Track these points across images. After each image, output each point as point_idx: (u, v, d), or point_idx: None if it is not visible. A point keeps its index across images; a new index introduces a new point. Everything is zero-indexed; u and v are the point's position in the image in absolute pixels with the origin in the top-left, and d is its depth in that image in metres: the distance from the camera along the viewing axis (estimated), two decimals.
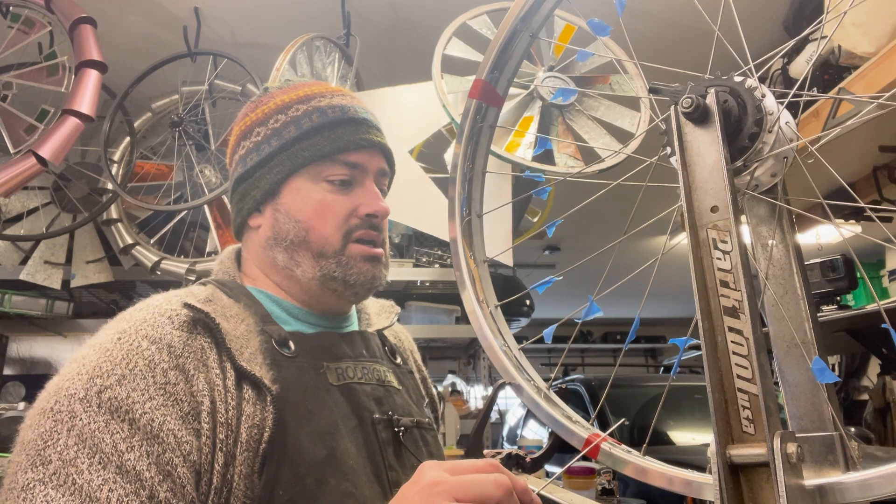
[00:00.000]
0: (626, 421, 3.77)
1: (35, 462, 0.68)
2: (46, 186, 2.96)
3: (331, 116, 0.89)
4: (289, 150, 0.88)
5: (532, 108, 2.24)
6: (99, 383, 0.71)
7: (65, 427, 0.69)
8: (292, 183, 0.89)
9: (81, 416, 0.69)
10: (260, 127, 0.91)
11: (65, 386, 0.72)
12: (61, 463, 0.67)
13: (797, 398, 0.64)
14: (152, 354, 0.73)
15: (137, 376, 0.72)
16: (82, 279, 2.92)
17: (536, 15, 0.83)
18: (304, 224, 0.87)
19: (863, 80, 1.82)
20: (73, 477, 0.66)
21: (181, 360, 0.74)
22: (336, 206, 0.87)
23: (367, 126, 0.91)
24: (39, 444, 0.68)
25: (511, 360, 0.80)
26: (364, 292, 0.90)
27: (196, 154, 2.71)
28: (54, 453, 0.68)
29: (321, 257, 0.87)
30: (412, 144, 2.42)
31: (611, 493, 2.31)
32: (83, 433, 0.68)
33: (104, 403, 0.70)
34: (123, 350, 0.73)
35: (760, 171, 0.66)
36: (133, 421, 0.69)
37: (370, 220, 0.88)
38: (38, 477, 0.66)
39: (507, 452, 0.75)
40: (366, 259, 0.88)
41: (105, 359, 0.73)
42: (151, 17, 2.58)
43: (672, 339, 0.71)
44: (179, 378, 0.73)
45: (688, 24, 2.51)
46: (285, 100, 0.91)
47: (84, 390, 0.71)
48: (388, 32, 2.70)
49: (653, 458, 0.67)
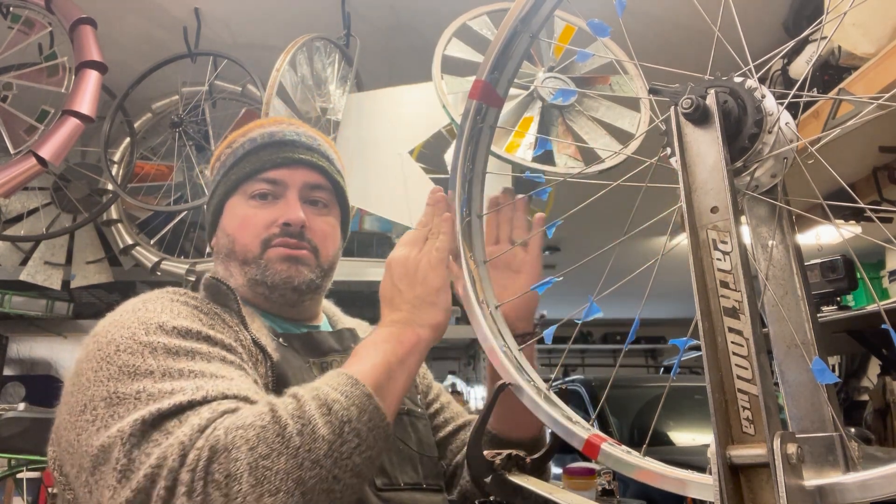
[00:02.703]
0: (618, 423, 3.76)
1: (134, 377, 0.71)
2: (46, 187, 2.96)
3: (259, 142, 1.00)
4: (226, 176, 1.01)
5: (532, 109, 2.23)
6: (155, 322, 0.77)
7: (146, 351, 0.73)
8: (229, 203, 1.00)
9: (159, 340, 0.75)
10: (217, 162, 1.05)
11: (117, 336, 0.76)
12: (166, 366, 0.72)
13: (797, 399, 0.64)
14: (188, 310, 0.83)
15: (188, 318, 0.80)
16: (82, 280, 2.92)
17: (536, 16, 0.83)
18: (232, 237, 0.98)
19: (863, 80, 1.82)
20: (187, 368, 0.72)
21: (207, 317, 0.84)
22: (256, 218, 0.97)
23: (293, 146, 1.01)
24: (128, 370, 0.72)
25: (511, 361, 0.80)
26: (288, 293, 0.97)
27: (196, 154, 2.71)
28: (152, 366, 0.72)
29: (245, 264, 0.97)
30: (412, 145, 2.42)
31: (611, 494, 2.31)
32: (170, 348, 0.74)
33: (172, 331, 0.77)
34: (158, 305, 0.82)
35: (760, 172, 0.66)
36: (209, 338, 0.78)
37: (287, 229, 0.96)
38: (150, 381, 0.70)
39: (507, 453, 0.75)
40: (283, 259, 0.96)
41: (144, 311, 0.79)
42: (151, 17, 2.57)
43: (672, 340, 0.71)
44: (219, 325, 0.84)
45: (688, 24, 2.51)
46: (234, 136, 1.04)
47: (143, 329, 0.76)
48: (388, 33, 2.70)
49: (653, 459, 0.67)
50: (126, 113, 2.74)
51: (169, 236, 2.83)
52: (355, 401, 0.71)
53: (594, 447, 0.70)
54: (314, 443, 0.65)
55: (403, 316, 0.83)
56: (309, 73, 2.32)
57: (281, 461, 0.63)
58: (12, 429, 2.28)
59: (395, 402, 0.77)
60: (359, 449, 0.69)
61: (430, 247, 0.85)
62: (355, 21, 2.53)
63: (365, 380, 0.74)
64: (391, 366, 0.77)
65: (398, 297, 0.84)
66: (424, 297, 0.83)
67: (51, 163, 2.09)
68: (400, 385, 0.78)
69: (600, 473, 2.28)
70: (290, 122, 1.07)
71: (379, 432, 0.72)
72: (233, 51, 2.58)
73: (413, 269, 0.84)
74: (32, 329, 3.12)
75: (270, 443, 0.63)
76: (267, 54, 2.27)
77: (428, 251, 0.85)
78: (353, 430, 0.69)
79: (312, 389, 0.71)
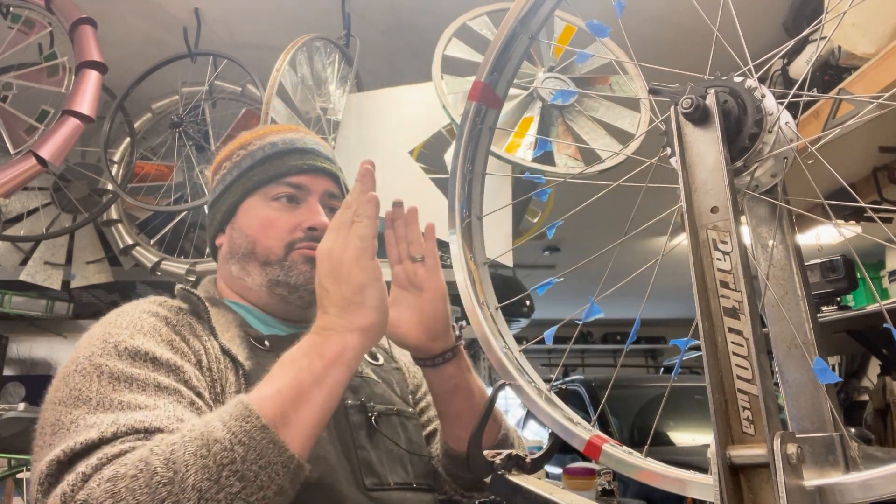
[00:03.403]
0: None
1: (75, 403, 0.72)
2: (46, 187, 2.96)
3: (280, 147, 1.01)
4: (244, 177, 1.01)
5: (532, 109, 2.24)
6: (113, 341, 0.78)
7: (94, 374, 0.74)
8: (245, 204, 1.00)
9: (106, 363, 0.75)
10: (226, 162, 1.05)
11: (81, 354, 0.78)
12: (101, 395, 0.72)
13: (797, 399, 0.64)
14: (154, 322, 0.83)
15: (147, 334, 0.80)
16: (82, 280, 2.92)
17: (536, 16, 0.83)
18: (252, 237, 0.98)
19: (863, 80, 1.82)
20: (117, 399, 0.71)
21: (177, 328, 0.84)
22: (280, 221, 0.97)
23: (314, 154, 1.02)
24: (74, 394, 0.73)
25: (511, 362, 0.80)
26: (308, 295, 0.96)
27: (196, 155, 2.71)
28: (92, 392, 0.72)
29: (267, 265, 0.96)
30: (412, 145, 2.42)
31: (611, 494, 2.31)
32: (114, 373, 0.74)
33: (123, 352, 0.77)
34: (126, 320, 0.82)
35: (760, 172, 0.66)
36: (155, 359, 0.77)
37: (311, 234, 0.96)
38: (83, 412, 0.70)
39: (507, 453, 0.75)
40: (307, 260, 0.96)
41: (112, 326, 0.81)
42: (151, 17, 2.57)
43: (673, 340, 0.71)
44: (179, 339, 0.83)
45: (687, 24, 2.51)
46: (247, 138, 1.05)
47: (101, 348, 0.77)
48: (388, 33, 2.70)
49: (653, 460, 0.67)
50: (126, 113, 2.74)
51: (169, 236, 2.83)
52: (242, 438, 0.64)
53: (595, 448, 0.70)
54: (182, 493, 0.61)
55: (330, 320, 0.75)
56: (309, 73, 2.32)
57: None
58: (12, 429, 2.28)
59: (308, 431, 0.69)
60: (243, 493, 0.63)
61: (354, 234, 0.77)
62: (355, 21, 2.54)
63: (263, 409, 0.66)
64: (303, 387, 0.70)
65: (325, 297, 0.76)
66: (350, 297, 0.75)
67: (51, 163, 2.09)
68: (317, 406, 0.70)
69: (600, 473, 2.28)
70: (305, 132, 1.08)
71: (275, 469, 0.65)
72: (233, 51, 2.59)
73: (337, 264, 0.76)
74: (32, 329, 3.13)
75: (138, 494, 0.60)
76: (267, 54, 2.27)
77: (351, 240, 0.77)
78: (235, 472, 0.63)
79: (204, 424, 0.66)
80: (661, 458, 0.66)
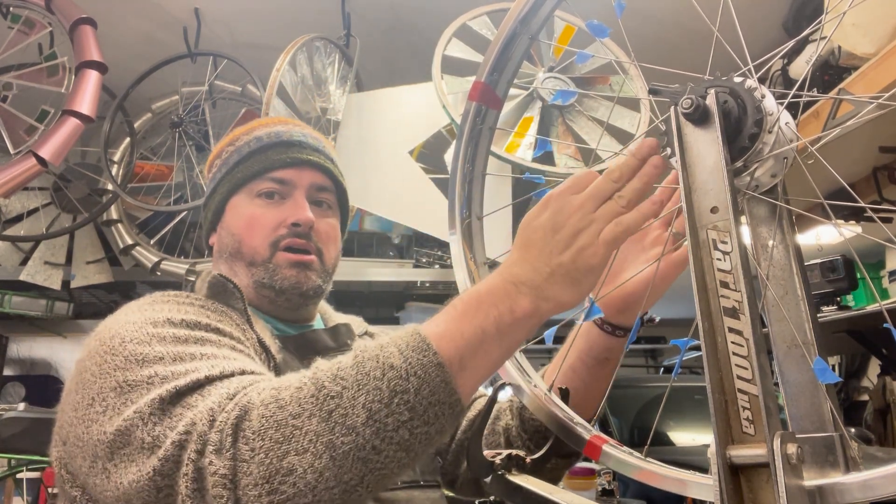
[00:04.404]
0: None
1: (143, 364, 0.70)
2: (46, 187, 2.96)
3: (265, 141, 1.00)
4: (230, 174, 0.99)
5: (532, 109, 2.24)
6: (164, 316, 0.77)
7: (154, 340, 0.73)
8: (232, 201, 0.99)
9: (165, 330, 0.74)
10: (217, 160, 1.04)
11: (120, 330, 0.75)
12: (175, 352, 0.71)
13: (797, 399, 0.64)
14: (192, 302, 0.84)
15: (195, 313, 0.81)
16: (82, 280, 2.92)
17: (536, 17, 0.83)
18: (238, 236, 0.97)
19: (863, 80, 1.82)
20: (198, 352, 0.71)
21: (215, 315, 0.84)
22: (264, 218, 0.96)
23: (300, 147, 1.00)
24: (138, 357, 0.71)
25: (511, 361, 0.80)
26: (295, 298, 0.97)
27: (196, 154, 2.71)
28: (162, 352, 0.71)
29: (252, 266, 0.96)
30: (412, 145, 2.42)
31: (611, 494, 2.31)
32: (178, 336, 0.74)
33: (180, 323, 0.77)
34: (165, 306, 0.82)
35: (760, 172, 0.66)
36: (217, 329, 0.78)
37: (295, 230, 0.95)
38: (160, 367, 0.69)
39: (507, 453, 0.75)
40: (291, 265, 0.95)
41: (149, 311, 0.79)
42: (151, 17, 2.57)
43: (673, 341, 0.71)
44: (226, 320, 0.84)
45: (687, 25, 2.50)
46: (236, 134, 1.03)
47: (150, 322, 0.76)
48: (388, 33, 2.70)
49: (653, 460, 0.67)
50: (126, 113, 2.74)
51: (169, 236, 2.83)
52: (418, 371, 0.61)
53: (596, 448, 0.70)
54: (352, 409, 0.59)
55: (533, 278, 0.65)
56: (309, 74, 2.33)
57: (312, 422, 0.59)
58: (12, 429, 2.28)
59: (478, 379, 0.65)
60: (409, 424, 0.60)
61: (612, 213, 0.65)
62: (355, 21, 2.54)
63: (442, 346, 0.62)
64: (486, 336, 0.64)
65: (538, 251, 0.66)
66: (570, 270, 0.65)
67: (51, 163, 2.09)
68: (491, 361, 0.66)
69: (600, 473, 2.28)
70: (294, 123, 1.06)
71: (443, 409, 0.62)
72: (233, 51, 2.59)
73: (575, 230, 0.65)
74: (32, 329, 3.13)
75: (304, 402, 0.60)
76: (267, 54, 2.27)
77: (606, 218, 0.65)
78: (407, 402, 0.60)
79: (377, 348, 0.64)
80: (661, 459, 0.66)
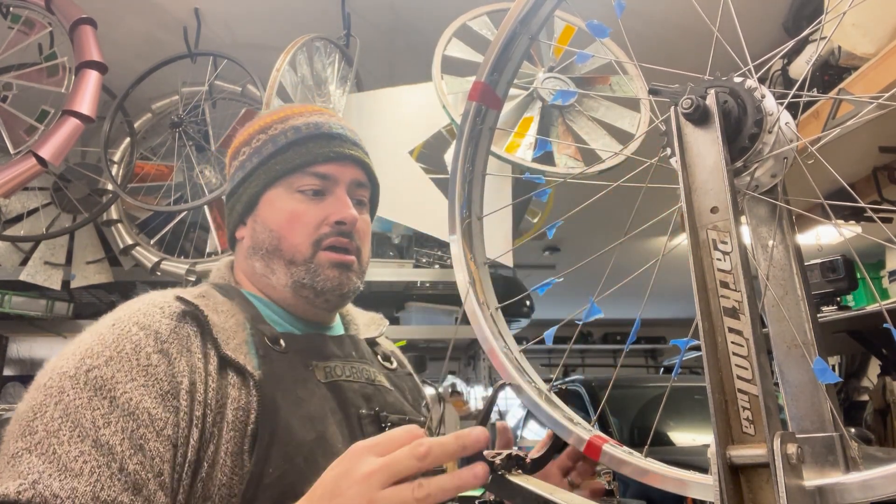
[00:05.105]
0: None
1: (24, 432, 0.73)
2: (46, 187, 2.96)
3: (304, 132, 0.95)
4: (266, 165, 0.94)
5: (532, 109, 2.24)
6: (88, 363, 0.77)
7: (53, 401, 0.74)
8: (268, 195, 0.94)
9: (69, 391, 0.74)
10: (245, 147, 0.98)
11: (59, 364, 0.78)
12: (45, 434, 0.72)
13: (797, 399, 0.64)
14: (140, 339, 0.79)
15: (123, 358, 0.77)
16: (82, 280, 2.91)
17: (536, 17, 0.83)
18: (277, 233, 0.92)
19: (863, 80, 1.82)
20: (53, 447, 0.71)
21: (166, 345, 0.79)
22: (306, 216, 0.92)
23: (341, 140, 0.96)
24: (29, 416, 0.74)
25: (511, 362, 0.80)
26: (335, 299, 0.94)
27: (196, 155, 2.71)
28: (41, 424, 0.73)
29: (292, 265, 0.92)
30: (412, 145, 2.42)
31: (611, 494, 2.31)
32: (68, 408, 0.74)
33: (90, 381, 0.75)
34: (115, 334, 0.79)
35: (760, 172, 0.66)
36: (113, 399, 0.74)
37: (339, 228, 0.92)
38: (25, 446, 0.71)
39: (507, 453, 0.75)
40: (334, 265, 0.92)
41: (97, 341, 0.79)
42: (151, 17, 2.58)
43: (673, 341, 0.71)
44: (162, 361, 0.78)
45: (687, 25, 2.51)
46: (267, 121, 0.97)
47: (74, 368, 0.76)
48: (388, 33, 2.70)
49: (654, 460, 0.67)
50: (126, 113, 2.74)
51: (169, 236, 2.83)
52: None
53: (595, 448, 0.70)
54: None
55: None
56: (309, 74, 2.33)
57: None
58: None
59: None
60: None
61: (399, 502, 0.58)
62: (355, 21, 2.54)
63: None
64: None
65: (329, 491, 0.62)
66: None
67: (51, 163, 2.09)
68: None
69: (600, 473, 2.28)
70: (329, 113, 1.01)
71: None
72: (233, 51, 2.59)
73: (366, 489, 0.59)
74: (32, 329, 3.12)
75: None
76: (267, 54, 2.27)
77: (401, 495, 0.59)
78: None
79: None
80: (661, 458, 0.66)
